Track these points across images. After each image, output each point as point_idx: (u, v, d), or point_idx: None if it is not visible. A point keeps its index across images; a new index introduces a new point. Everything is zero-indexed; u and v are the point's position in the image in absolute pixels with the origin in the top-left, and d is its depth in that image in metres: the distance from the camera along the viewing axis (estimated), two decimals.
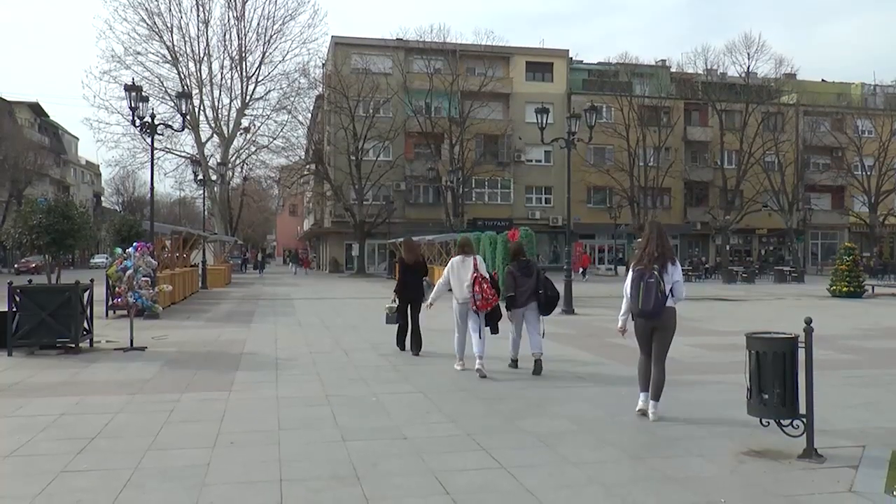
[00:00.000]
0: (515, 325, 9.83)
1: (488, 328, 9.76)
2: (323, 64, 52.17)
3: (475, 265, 9.76)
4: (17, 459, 5.71)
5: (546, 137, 21.52)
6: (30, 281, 12.29)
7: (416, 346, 11.44)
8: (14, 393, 8.35)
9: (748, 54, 52.79)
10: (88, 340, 12.11)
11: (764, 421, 5.87)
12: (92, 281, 12.60)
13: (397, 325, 11.69)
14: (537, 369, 9.58)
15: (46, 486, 5.03)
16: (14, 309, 11.17)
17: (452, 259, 10.26)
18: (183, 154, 46.45)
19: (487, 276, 9.78)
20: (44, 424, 6.76)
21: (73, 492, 4.94)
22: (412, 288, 11.55)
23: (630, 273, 7.10)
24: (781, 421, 5.78)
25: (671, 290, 6.90)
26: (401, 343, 11.73)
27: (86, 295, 11.97)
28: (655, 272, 6.84)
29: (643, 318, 6.94)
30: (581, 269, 42.57)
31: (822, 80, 64.84)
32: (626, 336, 7.37)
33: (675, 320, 6.99)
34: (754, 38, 55.93)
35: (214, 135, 46.51)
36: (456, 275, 9.95)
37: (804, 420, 5.68)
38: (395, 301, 11.56)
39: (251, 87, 46.39)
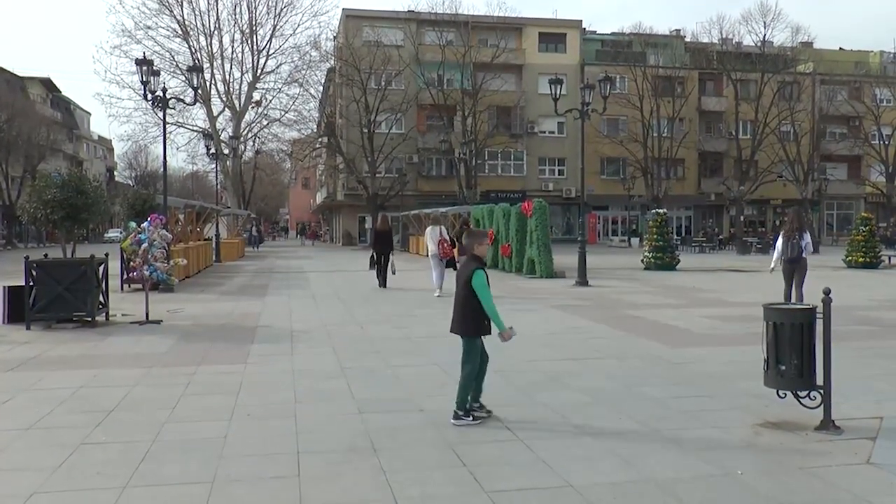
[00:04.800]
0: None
1: (449, 268, 15.67)
2: (334, 36, 51.81)
3: (441, 232, 16.32)
4: (38, 432, 5.78)
5: (559, 108, 21.34)
6: (45, 255, 12.37)
7: (383, 283, 17.86)
8: (33, 366, 8.44)
9: (764, 23, 52.26)
10: (104, 314, 12.19)
11: (781, 393, 5.83)
12: (107, 255, 12.65)
13: (375, 271, 18.06)
14: None
15: (66, 458, 5.09)
16: (31, 283, 11.27)
17: (427, 228, 16.79)
18: (195, 128, 46.46)
19: (448, 238, 16.33)
20: (63, 397, 6.83)
21: (93, 464, 4.99)
22: (382, 245, 18.11)
23: (780, 238, 12.58)
24: (798, 392, 5.74)
25: (804, 246, 12.19)
26: (381, 283, 17.91)
27: (101, 269, 12.03)
28: (795, 237, 12.20)
29: (788, 263, 12.31)
30: None
31: (840, 48, 63.93)
32: (773, 273, 12.87)
33: (806, 264, 12.39)
34: (770, 7, 55.60)
35: (226, 109, 46.44)
36: (430, 237, 16.14)
37: (821, 392, 5.64)
38: (373, 254, 18.13)
39: (262, 61, 46.28)
